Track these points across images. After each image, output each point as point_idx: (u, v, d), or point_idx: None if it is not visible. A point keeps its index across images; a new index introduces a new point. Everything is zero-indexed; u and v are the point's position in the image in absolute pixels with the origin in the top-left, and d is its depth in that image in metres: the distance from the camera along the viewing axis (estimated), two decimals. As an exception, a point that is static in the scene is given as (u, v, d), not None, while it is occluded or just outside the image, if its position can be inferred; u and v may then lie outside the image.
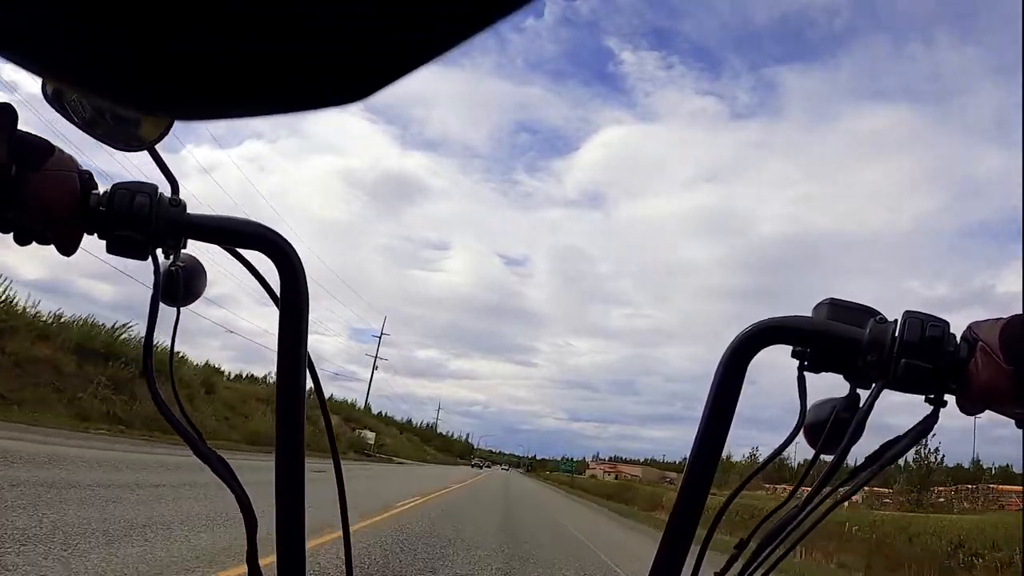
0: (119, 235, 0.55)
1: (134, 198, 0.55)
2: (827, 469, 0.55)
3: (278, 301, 0.59)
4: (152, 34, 0.15)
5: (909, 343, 0.51)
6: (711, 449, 0.56)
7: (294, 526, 0.60)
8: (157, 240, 0.56)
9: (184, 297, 0.61)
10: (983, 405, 0.51)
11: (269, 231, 0.59)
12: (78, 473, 7.95)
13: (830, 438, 0.55)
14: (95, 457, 9.88)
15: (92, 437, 13.29)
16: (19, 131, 0.52)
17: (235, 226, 0.59)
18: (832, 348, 0.55)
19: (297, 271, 0.58)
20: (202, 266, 0.63)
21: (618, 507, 33.89)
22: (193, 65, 0.16)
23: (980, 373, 0.50)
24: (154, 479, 8.91)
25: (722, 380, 0.55)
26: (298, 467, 0.60)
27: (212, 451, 0.59)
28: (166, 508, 6.87)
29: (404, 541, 8.18)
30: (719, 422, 0.56)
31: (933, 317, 0.52)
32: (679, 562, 0.57)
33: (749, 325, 0.55)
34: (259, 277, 0.63)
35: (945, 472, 27.96)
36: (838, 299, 0.56)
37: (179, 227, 0.57)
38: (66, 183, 0.54)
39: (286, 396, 0.60)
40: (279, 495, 0.60)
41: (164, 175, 0.62)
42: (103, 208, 0.55)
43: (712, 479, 0.57)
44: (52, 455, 8.74)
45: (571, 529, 15.94)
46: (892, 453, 0.54)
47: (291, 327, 0.59)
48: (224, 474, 0.58)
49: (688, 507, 0.56)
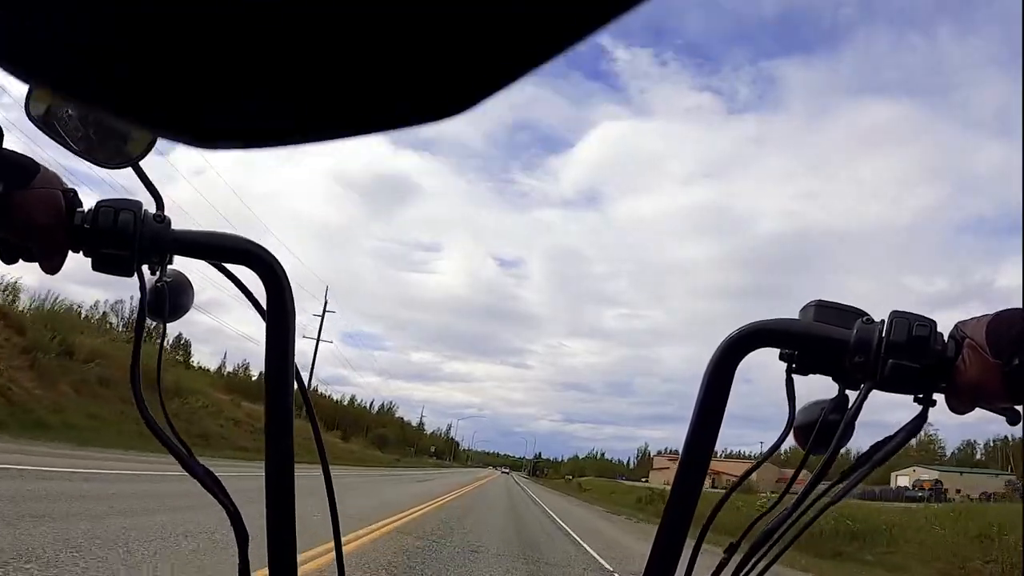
0: (104, 253, 0.55)
1: (118, 215, 0.55)
2: (817, 470, 0.55)
3: (264, 314, 0.59)
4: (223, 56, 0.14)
5: (896, 343, 0.51)
6: (701, 452, 0.56)
7: (284, 534, 0.60)
8: (142, 257, 0.56)
9: (171, 313, 0.61)
10: (972, 402, 0.51)
11: (254, 246, 0.59)
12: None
13: (820, 439, 0.55)
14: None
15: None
16: (4, 150, 0.52)
17: (220, 241, 0.59)
18: (819, 350, 0.55)
19: (283, 284, 0.59)
20: (189, 281, 0.63)
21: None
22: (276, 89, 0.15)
23: (968, 370, 0.50)
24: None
25: (710, 384, 0.55)
26: (287, 475, 0.60)
27: (200, 465, 0.59)
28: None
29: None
30: (708, 426, 0.56)
31: (920, 317, 0.52)
32: (672, 564, 0.57)
33: (735, 329, 0.55)
34: (245, 291, 0.63)
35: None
36: (825, 301, 0.56)
37: (164, 243, 0.57)
38: (51, 201, 0.54)
39: (274, 407, 0.60)
40: (269, 503, 0.60)
41: (149, 191, 0.62)
42: (87, 226, 0.55)
43: (703, 481, 0.57)
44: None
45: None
46: (882, 453, 0.54)
47: (278, 340, 0.59)
48: (213, 488, 0.59)
49: (680, 509, 0.56)
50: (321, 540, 4.57)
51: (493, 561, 7.81)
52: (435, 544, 8.40)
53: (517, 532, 12.37)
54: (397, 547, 7.53)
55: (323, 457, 0.68)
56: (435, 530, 9.99)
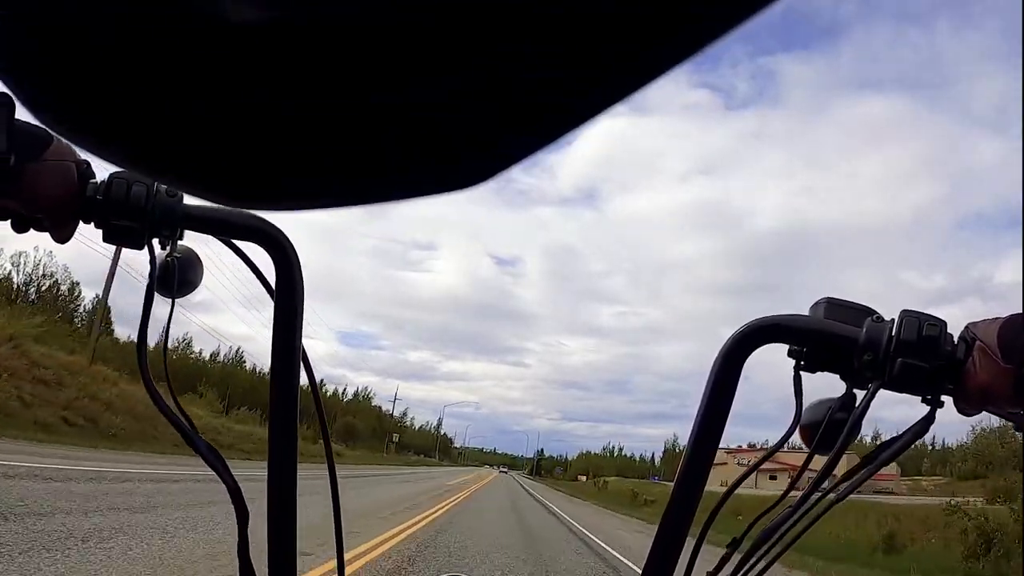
0: (115, 224, 0.55)
1: (131, 187, 0.55)
2: (822, 469, 0.55)
3: (273, 294, 0.59)
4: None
5: (906, 342, 0.51)
6: (706, 448, 0.56)
7: (285, 521, 0.60)
8: (153, 230, 0.56)
9: (179, 288, 0.61)
10: (980, 405, 0.51)
11: (267, 224, 0.59)
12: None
13: (825, 438, 0.54)
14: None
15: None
16: (17, 120, 0.52)
17: (233, 218, 0.59)
18: (828, 347, 0.54)
19: (293, 265, 0.58)
20: (198, 257, 0.63)
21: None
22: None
23: (978, 373, 0.50)
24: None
25: (717, 379, 0.55)
26: (291, 459, 0.60)
27: (203, 441, 0.59)
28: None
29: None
30: (714, 421, 0.56)
31: (930, 316, 0.52)
32: (672, 561, 0.56)
33: (744, 324, 0.55)
34: (255, 269, 0.63)
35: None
36: (835, 298, 0.56)
37: (176, 218, 0.57)
38: (64, 172, 0.54)
39: (280, 391, 0.60)
40: (271, 487, 0.60)
41: None
42: (100, 197, 0.55)
43: (707, 477, 0.57)
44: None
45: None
46: (888, 453, 0.53)
47: (286, 321, 0.59)
48: (215, 464, 0.58)
49: (682, 505, 0.56)
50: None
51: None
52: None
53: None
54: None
55: (326, 438, 0.68)
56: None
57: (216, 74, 0.14)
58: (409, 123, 0.15)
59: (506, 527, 13.23)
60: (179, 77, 0.14)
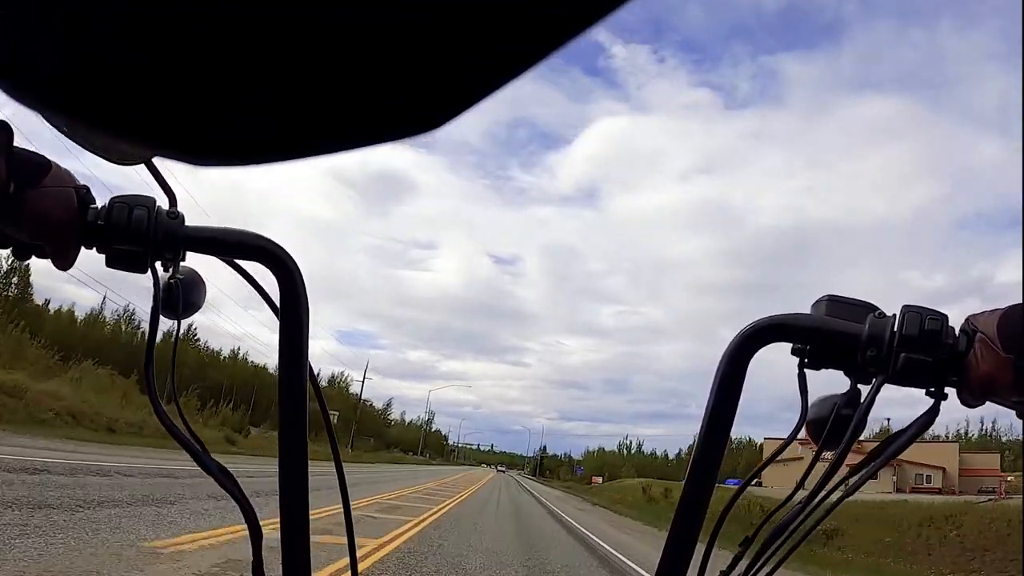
0: (118, 249, 0.55)
1: (132, 211, 0.55)
2: (830, 465, 0.56)
3: (278, 312, 0.59)
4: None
5: (908, 337, 0.51)
6: (714, 448, 0.56)
7: (298, 531, 0.60)
8: (156, 253, 0.56)
9: (184, 309, 0.61)
10: (983, 396, 0.52)
11: (268, 242, 0.59)
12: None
13: (832, 434, 0.55)
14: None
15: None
16: (16, 148, 0.52)
17: (234, 237, 0.59)
18: (832, 344, 0.55)
19: (296, 281, 0.59)
20: (201, 278, 0.63)
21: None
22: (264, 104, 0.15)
23: (979, 364, 0.50)
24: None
25: (723, 379, 0.56)
26: (301, 472, 0.60)
27: (215, 462, 0.59)
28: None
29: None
30: (721, 421, 0.56)
31: (932, 310, 0.52)
32: (685, 561, 0.57)
33: (749, 324, 0.56)
34: (259, 288, 0.63)
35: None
36: (836, 295, 0.56)
37: (177, 239, 0.57)
38: (64, 199, 0.54)
39: (288, 405, 0.60)
40: (283, 499, 0.60)
41: (161, 188, 0.62)
42: (101, 222, 0.55)
43: (716, 477, 0.57)
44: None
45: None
46: (895, 447, 0.54)
47: (291, 337, 0.59)
48: (228, 485, 0.58)
49: (693, 506, 0.57)
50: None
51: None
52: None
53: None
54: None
55: (336, 456, 0.68)
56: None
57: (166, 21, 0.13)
58: (373, 48, 0.14)
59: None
60: (125, 25, 0.13)
